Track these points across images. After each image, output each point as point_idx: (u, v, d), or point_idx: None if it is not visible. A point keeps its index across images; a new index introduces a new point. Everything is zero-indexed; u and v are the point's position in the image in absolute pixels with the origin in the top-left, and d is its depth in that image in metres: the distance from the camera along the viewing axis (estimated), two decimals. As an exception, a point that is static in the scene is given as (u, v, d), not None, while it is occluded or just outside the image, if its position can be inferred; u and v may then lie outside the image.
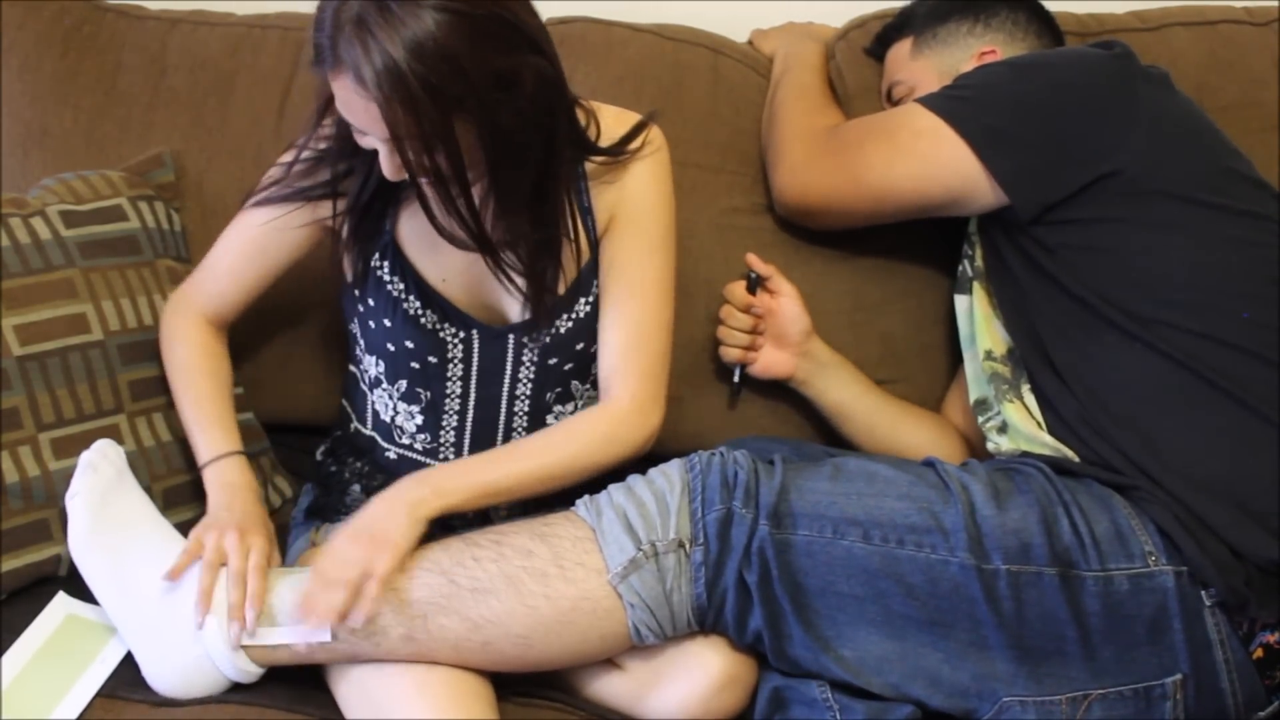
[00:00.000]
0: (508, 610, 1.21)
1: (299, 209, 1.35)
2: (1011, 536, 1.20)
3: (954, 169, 1.38)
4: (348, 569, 1.18)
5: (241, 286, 1.42)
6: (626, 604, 1.21)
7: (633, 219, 1.35)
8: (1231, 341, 1.28)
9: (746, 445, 1.45)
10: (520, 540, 1.24)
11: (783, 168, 1.55)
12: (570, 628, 1.22)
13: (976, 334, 1.46)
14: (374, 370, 1.41)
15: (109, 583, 1.25)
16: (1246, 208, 1.34)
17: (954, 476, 1.25)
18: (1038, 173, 1.34)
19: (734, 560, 1.21)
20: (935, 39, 1.56)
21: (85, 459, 1.28)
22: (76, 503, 1.25)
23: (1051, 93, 1.36)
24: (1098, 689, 1.21)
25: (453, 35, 1.10)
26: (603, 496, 1.26)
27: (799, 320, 1.54)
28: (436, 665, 1.22)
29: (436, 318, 1.36)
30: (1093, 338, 1.32)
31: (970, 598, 1.19)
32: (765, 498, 1.22)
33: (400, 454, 1.43)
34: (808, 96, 1.61)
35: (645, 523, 1.22)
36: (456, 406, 1.39)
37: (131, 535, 1.27)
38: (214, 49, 1.67)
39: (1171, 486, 1.24)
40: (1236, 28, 1.71)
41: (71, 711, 1.22)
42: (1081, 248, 1.34)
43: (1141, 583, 1.20)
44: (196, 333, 1.42)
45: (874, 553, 1.21)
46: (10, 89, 1.63)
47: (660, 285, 1.36)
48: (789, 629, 1.23)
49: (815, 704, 1.24)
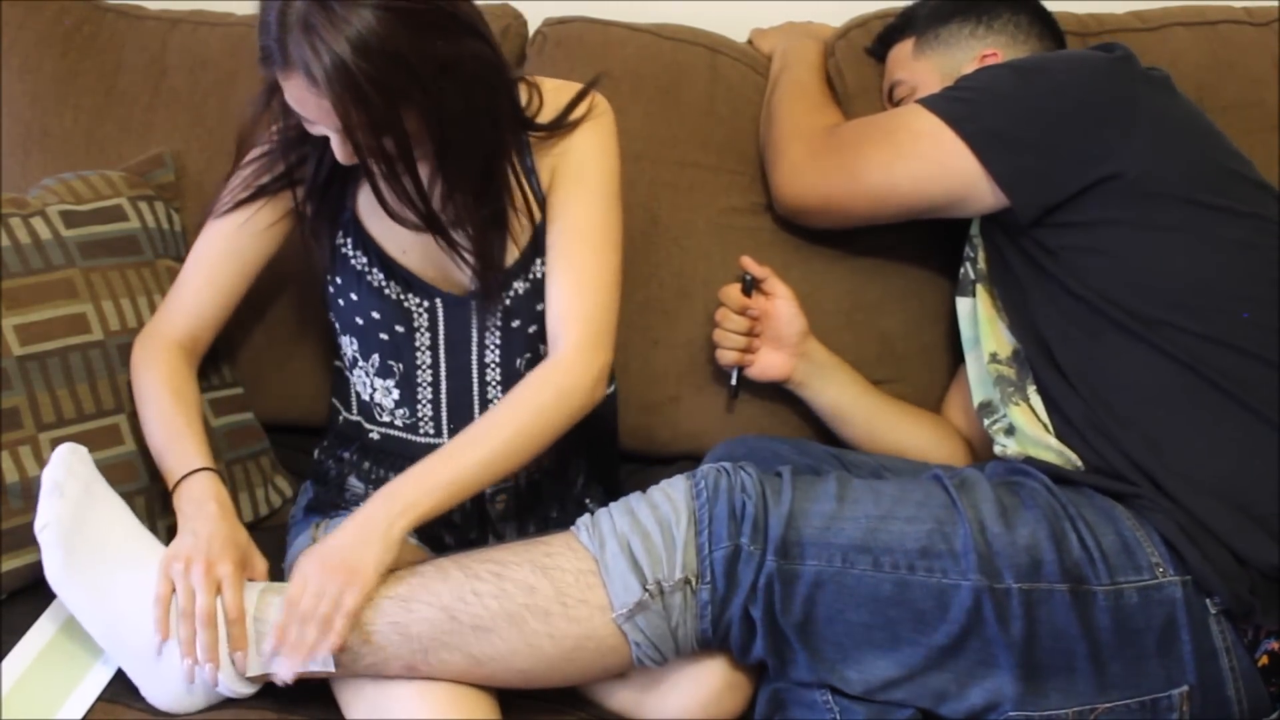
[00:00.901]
0: (510, 649, 1.20)
1: (264, 206, 1.39)
2: (1022, 554, 1.19)
3: (954, 171, 1.38)
4: (318, 602, 1.17)
5: (218, 295, 1.42)
6: (631, 642, 1.20)
7: (573, 171, 1.37)
8: (1234, 343, 1.28)
9: (749, 444, 1.45)
10: (521, 574, 1.21)
11: (782, 167, 1.55)
12: (573, 664, 1.21)
13: (981, 336, 1.46)
14: (350, 350, 1.43)
15: (94, 615, 1.23)
16: (1248, 209, 1.34)
17: (961, 493, 1.24)
18: (1038, 175, 1.34)
19: (740, 597, 1.19)
20: (937, 40, 1.56)
21: (50, 480, 1.23)
22: (47, 535, 1.21)
23: (1052, 96, 1.36)
24: (1104, 703, 1.20)
25: (394, 30, 1.16)
26: (605, 522, 1.24)
27: (795, 321, 1.53)
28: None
29: (400, 288, 1.39)
30: (1096, 338, 1.32)
31: (982, 619, 1.18)
32: (774, 530, 1.20)
33: (383, 433, 1.44)
34: (807, 95, 1.61)
35: (650, 557, 1.20)
36: (429, 378, 1.41)
37: (111, 560, 1.23)
38: (214, 49, 1.67)
39: (1174, 491, 1.23)
40: (1237, 28, 1.71)
41: (74, 714, 1.22)
42: (1083, 249, 1.33)
43: (1150, 594, 1.19)
44: (164, 359, 1.39)
45: (884, 580, 1.19)
46: (10, 89, 1.63)
47: (602, 233, 1.36)
48: (793, 655, 1.22)
49: (815, 706, 1.24)
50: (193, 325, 1.42)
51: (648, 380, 1.63)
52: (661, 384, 1.63)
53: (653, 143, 1.63)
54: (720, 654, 1.25)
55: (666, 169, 1.63)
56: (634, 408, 1.62)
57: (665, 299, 1.62)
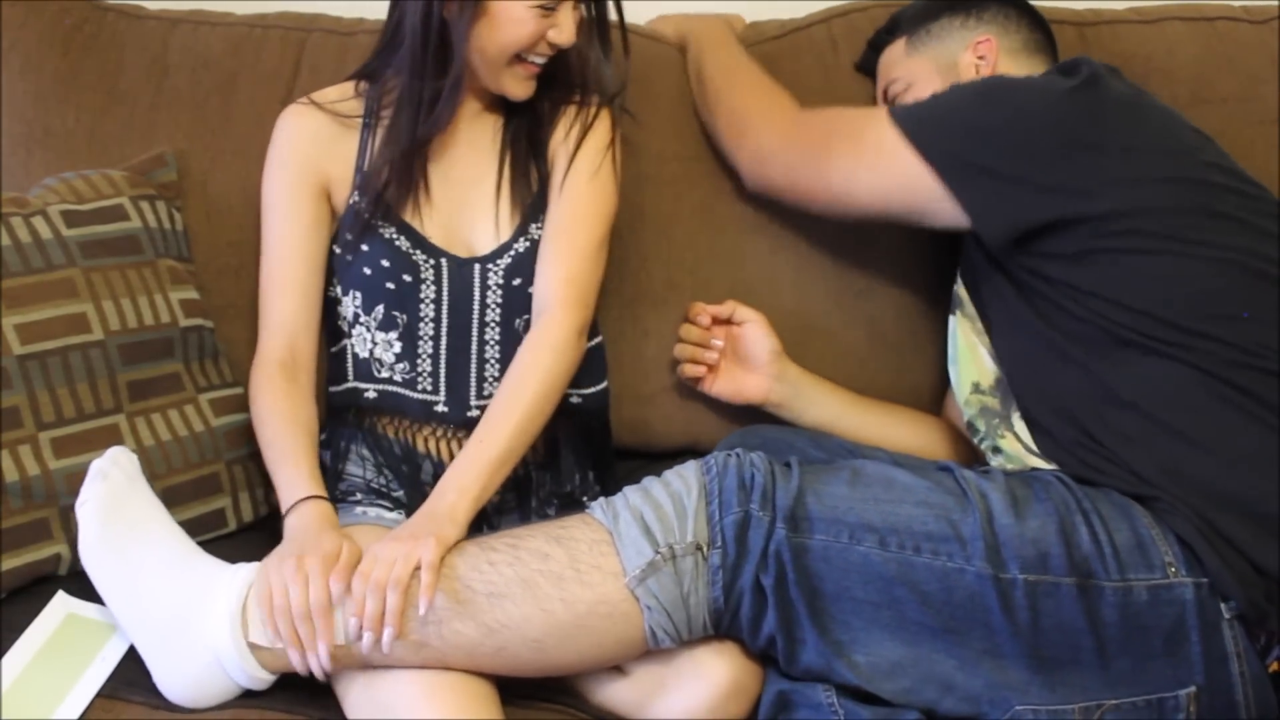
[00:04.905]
0: (523, 615, 1.20)
1: (308, 199, 1.47)
2: (1029, 546, 1.19)
3: (914, 189, 1.38)
4: (390, 567, 1.20)
5: (297, 297, 1.45)
6: (644, 607, 1.20)
7: (573, 146, 1.47)
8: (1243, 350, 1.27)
9: (762, 435, 1.47)
10: (536, 544, 1.23)
11: (746, 149, 1.55)
12: (586, 632, 1.21)
13: (962, 365, 1.46)
14: (352, 308, 1.46)
15: (120, 591, 1.25)
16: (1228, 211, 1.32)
17: (972, 483, 1.24)
18: (1001, 200, 1.33)
19: (751, 563, 1.20)
20: (929, 35, 1.56)
21: (96, 467, 1.28)
22: (86, 510, 1.25)
23: (1017, 121, 1.34)
24: (1111, 699, 1.20)
25: None
26: (619, 499, 1.26)
27: (765, 341, 1.54)
28: (445, 670, 1.22)
29: (410, 244, 1.44)
30: (1103, 358, 1.31)
31: (985, 607, 1.19)
32: (782, 500, 1.21)
33: (380, 390, 1.46)
34: (744, 73, 1.61)
35: (662, 525, 1.21)
36: (431, 332, 1.45)
37: (143, 543, 1.26)
38: (215, 49, 1.67)
39: (1191, 502, 1.23)
40: (1234, 25, 1.70)
41: (73, 712, 1.22)
42: (1078, 276, 1.32)
43: (1160, 594, 1.19)
44: (266, 385, 1.43)
45: (890, 559, 1.20)
46: (12, 89, 1.64)
47: (589, 203, 1.45)
48: (803, 633, 1.22)
49: (820, 708, 1.24)
50: (290, 333, 1.45)
51: (641, 372, 1.63)
52: (655, 375, 1.64)
53: (632, 136, 1.63)
54: (726, 655, 1.25)
55: (648, 162, 1.64)
56: (629, 400, 1.62)
57: (655, 290, 1.63)
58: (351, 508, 1.43)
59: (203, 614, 1.23)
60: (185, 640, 1.22)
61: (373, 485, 1.45)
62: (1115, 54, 1.67)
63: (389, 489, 1.45)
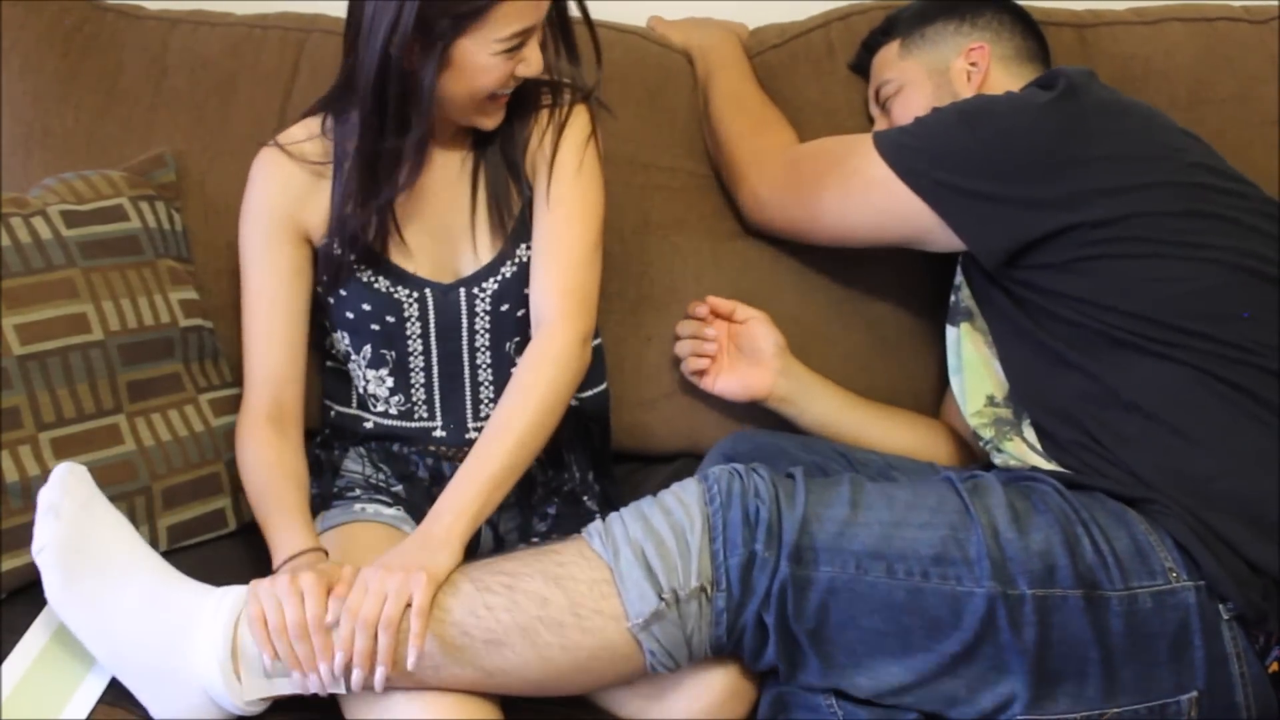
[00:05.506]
0: (523, 661, 1.19)
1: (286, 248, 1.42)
2: (1036, 559, 1.18)
3: (906, 218, 1.39)
4: (379, 603, 1.16)
5: (280, 349, 1.42)
6: (646, 650, 1.19)
7: (553, 156, 1.42)
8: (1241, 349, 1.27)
9: (754, 440, 1.46)
10: (534, 585, 1.20)
11: (743, 193, 1.58)
12: (586, 674, 1.21)
13: (967, 378, 1.46)
14: (343, 345, 1.45)
15: (99, 641, 1.21)
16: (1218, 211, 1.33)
17: (974, 497, 1.23)
18: (993, 221, 1.34)
19: (755, 603, 1.19)
20: (923, 39, 1.56)
21: (45, 502, 1.21)
22: (45, 557, 1.20)
23: (998, 141, 1.34)
24: (1113, 709, 1.20)
25: None
26: (618, 529, 1.22)
27: (770, 335, 1.54)
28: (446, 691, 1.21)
29: (389, 283, 1.41)
30: (1099, 360, 1.31)
31: (995, 626, 1.18)
32: (788, 535, 1.19)
33: (377, 422, 1.46)
34: (745, 109, 1.62)
35: (665, 565, 1.18)
36: (421, 364, 1.44)
37: (113, 583, 1.21)
38: (215, 49, 1.67)
39: (1186, 502, 1.23)
40: (1234, 25, 1.70)
41: (76, 714, 1.21)
42: (1072, 284, 1.32)
43: (1164, 600, 1.19)
44: (250, 437, 1.40)
45: (898, 587, 1.19)
46: (11, 89, 1.64)
47: (582, 208, 1.41)
48: (804, 661, 1.22)
49: (819, 709, 1.23)
50: (275, 385, 1.42)
51: (642, 377, 1.63)
52: (656, 380, 1.63)
53: (644, 145, 1.64)
54: (727, 659, 1.25)
55: (659, 173, 1.65)
56: (629, 404, 1.62)
57: (657, 295, 1.63)
58: (350, 504, 1.43)
59: (187, 652, 1.19)
60: (175, 682, 1.20)
61: (371, 481, 1.45)
62: (1114, 55, 1.67)
63: (388, 484, 1.45)
